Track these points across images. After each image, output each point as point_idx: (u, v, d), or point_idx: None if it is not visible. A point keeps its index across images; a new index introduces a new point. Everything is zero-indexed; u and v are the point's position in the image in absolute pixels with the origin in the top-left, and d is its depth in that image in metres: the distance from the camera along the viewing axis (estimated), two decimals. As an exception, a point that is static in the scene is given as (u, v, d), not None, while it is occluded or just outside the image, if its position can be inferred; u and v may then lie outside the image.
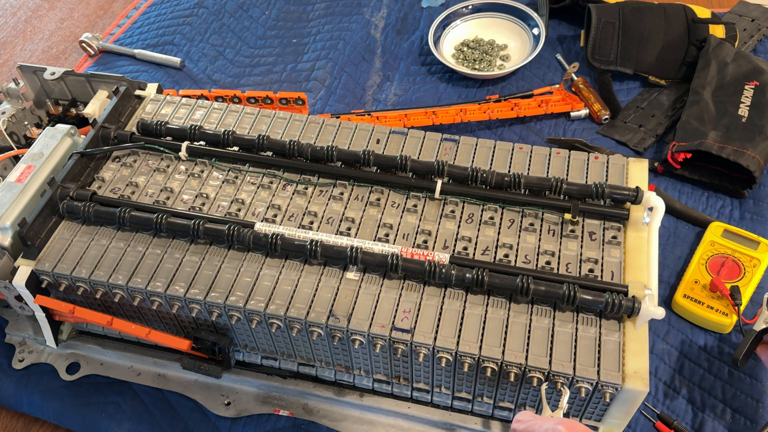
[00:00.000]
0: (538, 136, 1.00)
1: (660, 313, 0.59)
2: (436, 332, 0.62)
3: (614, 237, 0.67)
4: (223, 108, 0.83)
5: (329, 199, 0.73)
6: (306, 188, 0.74)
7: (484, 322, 0.62)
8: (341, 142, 0.78)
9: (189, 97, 0.86)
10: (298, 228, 0.70)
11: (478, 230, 0.69)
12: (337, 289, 0.66)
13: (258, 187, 0.75)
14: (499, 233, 0.68)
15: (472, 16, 1.17)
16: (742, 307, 0.75)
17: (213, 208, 0.73)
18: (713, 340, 0.77)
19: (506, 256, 0.66)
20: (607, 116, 0.99)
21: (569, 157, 0.74)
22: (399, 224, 0.70)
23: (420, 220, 0.70)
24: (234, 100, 0.97)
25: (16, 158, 0.87)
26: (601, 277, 0.64)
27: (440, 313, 0.63)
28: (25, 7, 1.43)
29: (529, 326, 0.62)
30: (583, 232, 0.68)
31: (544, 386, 0.59)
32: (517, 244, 0.67)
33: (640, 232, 0.67)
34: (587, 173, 0.72)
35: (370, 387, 0.73)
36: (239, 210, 0.72)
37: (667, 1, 1.08)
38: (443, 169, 0.71)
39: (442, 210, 0.71)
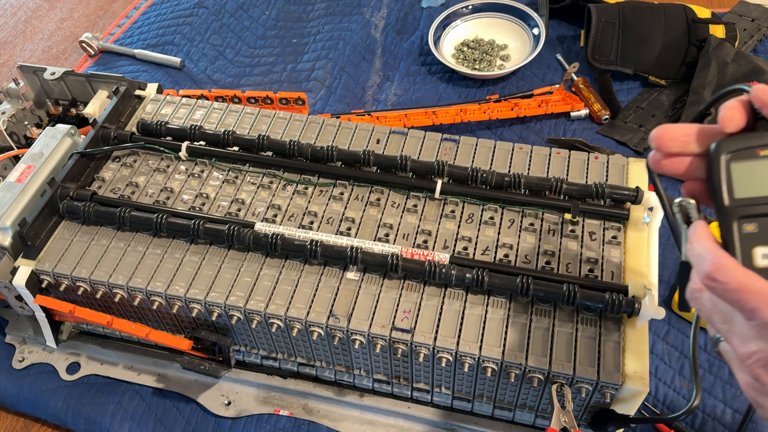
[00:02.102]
0: (538, 136, 1.00)
1: (660, 313, 0.59)
2: (436, 332, 0.62)
3: (614, 237, 0.67)
4: (223, 108, 0.83)
5: (329, 199, 0.73)
6: (306, 188, 0.74)
7: (484, 322, 0.62)
8: (341, 142, 0.78)
9: (189, 97, 0.86)
10: (298, 228, 0.70)
11: (478, 230, 0.69)
12: (337, 289, 0.66)
13: (258, 187, 0.75)
14: (499, 233, 0.68)
15: (472, 16, 1.17)
16: (742, 307, 0.75)
17: (213, 208, 0.73)
18: (713, 340, 0.77)
19: (506, 256, 0.66)
20: (607, 116, 0.99)
21: (569, 157, 0.74)
22: (399, 224, 0.70)
23: (420, 220, 0.70)
24: (234, 100, 0.97)
25: (16, 158, 0.87)
26: (601, 277, 0.64)
27: (440, 313, 0.63)
28: (25, 7, 1.43)
29: (529, 326, 0.62)
30: (583, 232, 0.68)
31: (554, 387, 0.59)
32: (517, 244, 0.67)
33: (640, 232, 0.67)
34: (587, 173, 0.72)
35: (370, 387, 0.73)
36: (239, 210, 0.72)
37: (667, 1, 1.08)
38: (443, 169, 0.71)
39: (442, 210, 0.71)
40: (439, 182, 0.71)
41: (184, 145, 0.77)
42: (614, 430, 0.64)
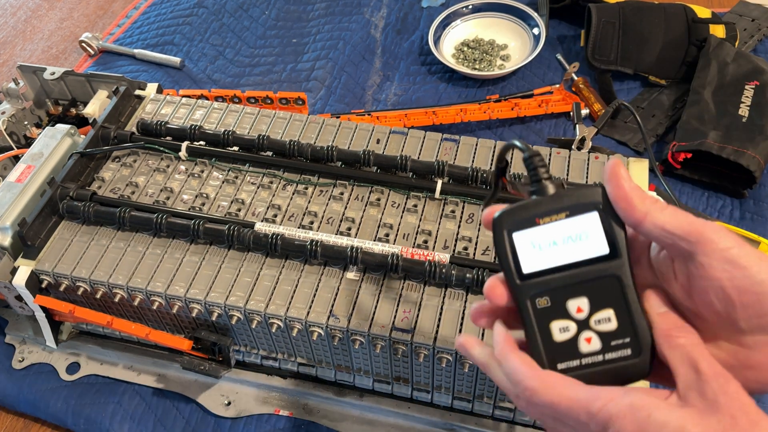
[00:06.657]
0: (538, 136, 1.00)
1: (660, 313, 0.59)
2: (436, 332, 0.62)
3: (614, 237, 0.67)
4: (223, 108, 0.83)
5: (329, 199, 0.73)
6: (306, 188, 0.74)
7: (484, 322, 0.62)
8: (341, 142, 0.78)
9: (189, 97, 0.86)
10: (298, 228, 0.70)
11: (479, 230, 0.69)
12: (337, 289, 0.66)
13: (258, 187, 0.75)
14: (499, 233, 0.68)
15: (472, 15, 1.17)
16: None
17: (213, 208, 0.73)
18: (713, 340, 0.77)
19: (506, 256, 0.66)
20: (607, 116, 0.99)
21: (569, 157, 0.74)
22: (399, 224, 0.70)
23: (420, 220, 0.70)
24: (234, 100, 0.97)
25: (16, 158, 0.87)
26: (602, 277, 0.64)
27: (440, 313, 0.63)
28: (25, 7, 1.43)
29: (530, 326, 0.61)
30: (583, 232, 0.68)
31: None
32: (518, 244, 0.67)
33: (641, 232, 0.67)
34: (587, 173, 0.72)
35: (370, 387, 0.73)
36: (239, 210, 0.72)
37: (668, 1, 1.08)
38: (443, 169, 0.71)
39: (442, 210, 0.71)
40: (439, 182, 0.71)
41: (184, 145, 0.77)
42: None
